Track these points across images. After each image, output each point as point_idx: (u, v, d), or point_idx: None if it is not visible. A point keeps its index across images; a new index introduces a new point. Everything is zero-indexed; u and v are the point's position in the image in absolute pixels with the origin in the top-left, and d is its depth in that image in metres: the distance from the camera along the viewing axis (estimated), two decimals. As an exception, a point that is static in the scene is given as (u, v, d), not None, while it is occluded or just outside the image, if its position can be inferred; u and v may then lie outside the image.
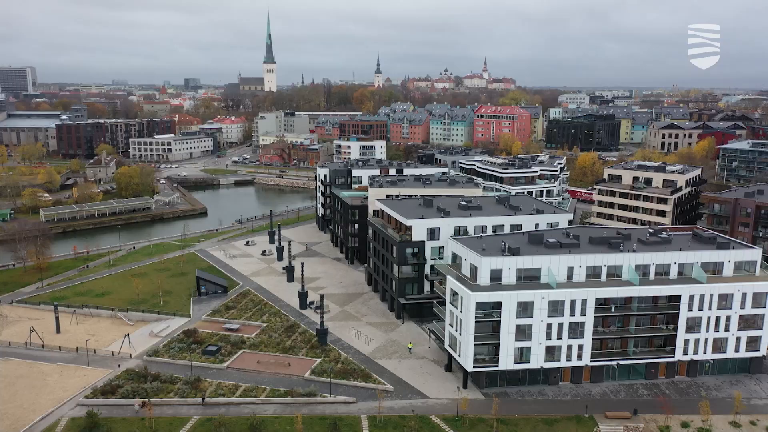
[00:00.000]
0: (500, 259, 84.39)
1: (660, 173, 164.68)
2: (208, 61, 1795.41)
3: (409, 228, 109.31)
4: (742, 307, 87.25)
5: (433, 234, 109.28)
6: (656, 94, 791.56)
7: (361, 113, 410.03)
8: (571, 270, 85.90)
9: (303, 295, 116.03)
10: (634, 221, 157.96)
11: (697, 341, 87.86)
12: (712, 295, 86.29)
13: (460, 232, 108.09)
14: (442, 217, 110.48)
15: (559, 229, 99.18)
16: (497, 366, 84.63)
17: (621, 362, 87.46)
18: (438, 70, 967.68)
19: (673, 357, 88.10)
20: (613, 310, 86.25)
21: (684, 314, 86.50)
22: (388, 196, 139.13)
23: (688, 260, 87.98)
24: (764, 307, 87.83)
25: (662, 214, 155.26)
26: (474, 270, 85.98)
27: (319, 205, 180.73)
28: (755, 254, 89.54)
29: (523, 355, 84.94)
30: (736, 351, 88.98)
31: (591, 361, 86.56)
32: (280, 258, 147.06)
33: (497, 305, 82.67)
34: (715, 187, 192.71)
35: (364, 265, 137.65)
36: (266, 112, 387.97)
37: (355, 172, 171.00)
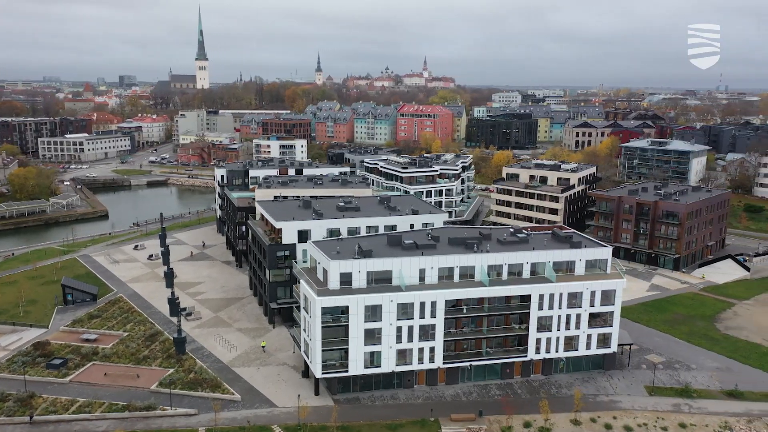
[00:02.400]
0: (350, 262, 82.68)
1: (555, 172, 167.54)
2: (143, 57, 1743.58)
3: (279, 230, 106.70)
4: (592, 305, 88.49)
5: (304, 236, 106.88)
6: (591, 93, 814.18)
7: (287, 112, 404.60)
8: (423, 272, 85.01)
9: (173, 302, 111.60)
10: (530, 219, 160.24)
11: (549, 340, 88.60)
12: (561, 294, 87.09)
13: (332, 234, 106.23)
14: (314, 219, 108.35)
15: (423, 231, 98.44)
16: (347, 371, 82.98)
17: (475, 363, 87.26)
18: (380, 68, 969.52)
19: (527, 356, 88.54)
20: (465, 311, 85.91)
21: (535, 313, 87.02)
22: (275, 197, 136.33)
23: (540, 259, 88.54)
24: (614, 304, 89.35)
25: (554, 212, 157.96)
26: (325, 274, 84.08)
27: (217, 207, 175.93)
28: (606, 252, 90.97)
29: (373, 359, 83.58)
30: (588, 348, 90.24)
31: (444, 363, 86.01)
32: (166, 262, 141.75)
33: (345, 309, 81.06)
34: (613, 183, 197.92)
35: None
36: (188, 111, 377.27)
37: (252, 173, 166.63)
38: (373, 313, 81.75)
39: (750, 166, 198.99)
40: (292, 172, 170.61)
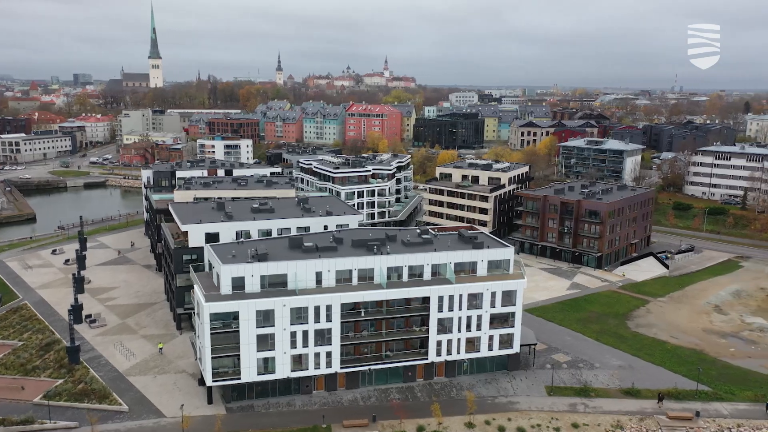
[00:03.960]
0: (242, 266, 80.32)
1: (486, 171, 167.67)
2: (99, 55, 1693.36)
3: (186, 233, 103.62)
4: (493, 306, 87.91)
5: (214, 239, 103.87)
6: (549, 93, 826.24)
7: (237, 111, 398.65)
8: (320, 275, 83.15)
9: (77, 309, 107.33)
10: (461, 219, 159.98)
11: (450, 342, 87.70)
12: (461, 295, 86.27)
13: (242, 236, 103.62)
14: (223, 221, 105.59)
15: (328, 233, 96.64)
16: (240, 378, 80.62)
17: (375, 367, 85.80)
18: (342, 67, 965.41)
19: (428, 359, 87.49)
20: (363, 314, 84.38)
21: (434, 315, 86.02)
22: (195, 199, 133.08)
23: (441, 261, 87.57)
24: (515, 305, 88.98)
25: (484, 212, 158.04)
26: (218, 278, 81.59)
27: (144, 209, 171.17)
28: (508, 253, 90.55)
29: (267, 365, 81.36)
30: (490, 349, 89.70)
31: (342, 367, 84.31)
32: (83, 267, 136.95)
33: (236, 315, 78.70)
34: (551, 182, 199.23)
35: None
36: (134, 110, 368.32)
37: (179, 174, 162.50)
38: (266, 318, 79.59)
39: (681, 165, 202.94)
40: (221, 173, 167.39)
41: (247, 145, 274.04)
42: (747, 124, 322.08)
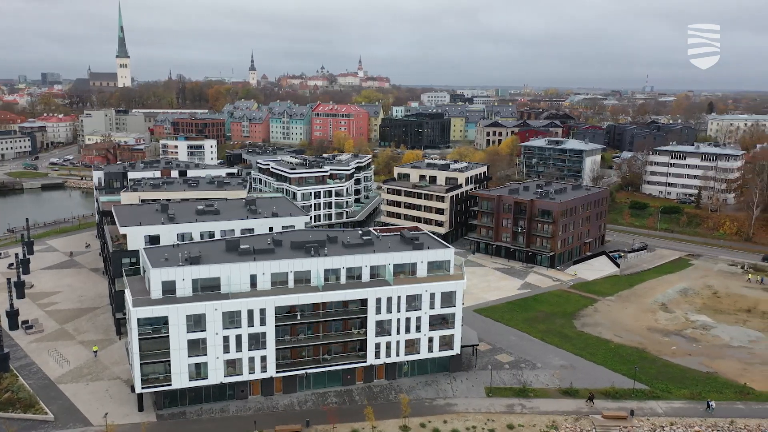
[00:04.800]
0: (172, 269, 78.46)
1: (444, 171, 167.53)
2: (68, 54, 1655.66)
3: (125, 236, 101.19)
4: (432, 307, 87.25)
5: (155, 242, 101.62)
6: (524, 93, 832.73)
7: (203, 111, 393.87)
8: (254, 278, 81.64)
9: (12, 315, 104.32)
10: (418, 219, 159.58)
11: (389, 344, 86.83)
12: (399, 297, 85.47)
13: (183, 239, 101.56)
14: (163, 223, 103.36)
15: (267, 235, 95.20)
16: (171, 385, 78.71)
17: (312, 370, 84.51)
18: (316, 67, 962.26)
19: (366, 362, 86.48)
20: (299, 317, 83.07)
21: (372, 317, 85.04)
22: (143, 201, 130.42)
23: (380, 262, 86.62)
24: (455, 305, 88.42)
25: (441, 212, 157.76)
26: (149, 282, 79.60)
27: (95, 211, 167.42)
28: (448, 253, 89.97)
29: (200, 371, 79.61)
30: (430, 351, 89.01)
31: (278, 371, 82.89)
32: (27, 271, 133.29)
33: (166, 320, 76.83)
34: (509, 181, 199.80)
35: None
36: (95, 110, 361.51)
37: (131, 175, 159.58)
38: (197, 322, 77.83)
39: (639, 164, 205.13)
40: (175, 174, 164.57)
41: (211, 146, 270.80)
42: (708, 124, 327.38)
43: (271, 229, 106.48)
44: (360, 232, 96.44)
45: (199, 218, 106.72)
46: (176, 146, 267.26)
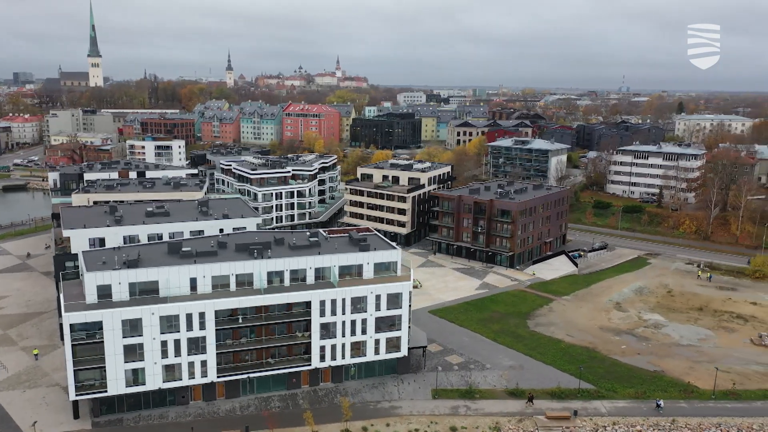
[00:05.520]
0: (108, 273, 76.59)
1: (406, 171, 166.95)
2: (41, 54, 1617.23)
3: (68, 238, 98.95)
4: (378, 309, 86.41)
5: (99, 245, 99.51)
6: (501, 93, 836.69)
7: (173, 111, 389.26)
8: (194, 281, 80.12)
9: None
10: (380, 220, 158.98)
11: (334, 347, 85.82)
12: (344, 299, 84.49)
13: (130, 241, 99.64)
14: (109, 226, 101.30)
15: (210, 237, 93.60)
16: (106, 391, 76.84)
17: (255, 375, 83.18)
18: (294, 67, 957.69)
19: (311, 365, 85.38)
20: (241, 321, 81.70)
21: (316, 320, 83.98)
22: (95, 203, 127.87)
23: (325, 264, 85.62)
24: (401, 307, 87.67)
25: (402, 212, 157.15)
26: (85, 286, 77.62)
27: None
28: (395, 255, 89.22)
29: (137, 377, 77.84)
30: (377, 353, 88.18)
31: (219, 376, 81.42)
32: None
33: (100, 325, 74.96)
34: (474, 181, 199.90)
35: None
36: (61, 110, 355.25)
37: (88, 176, 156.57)
38: (133, 327, 76.07)
39: (603, 164, 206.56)
40: (133, 175, 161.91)
41: (180, 146, 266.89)
42: (675, 124, 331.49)
43: (221, 230, 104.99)
44: (308, 233, 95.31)
45: (147, 220, 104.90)
46: (143, 147, 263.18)
